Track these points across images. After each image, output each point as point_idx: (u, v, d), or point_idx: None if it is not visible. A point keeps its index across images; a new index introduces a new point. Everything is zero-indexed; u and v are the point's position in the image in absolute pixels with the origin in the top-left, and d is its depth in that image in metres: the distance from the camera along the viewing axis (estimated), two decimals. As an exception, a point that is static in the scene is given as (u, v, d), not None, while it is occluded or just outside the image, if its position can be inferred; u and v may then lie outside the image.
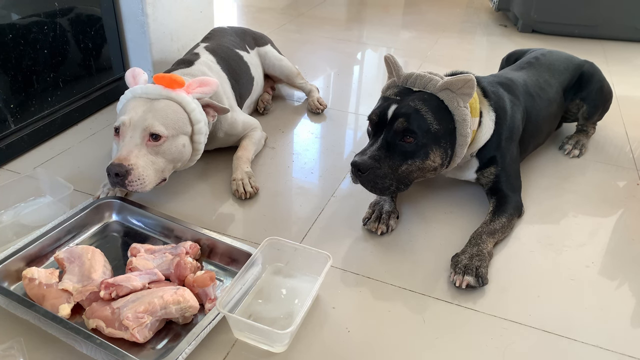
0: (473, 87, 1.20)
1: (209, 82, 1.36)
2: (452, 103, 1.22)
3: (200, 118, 1.33)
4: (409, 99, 1.23)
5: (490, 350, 1.00)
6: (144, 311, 0.94)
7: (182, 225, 1.21)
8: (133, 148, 1.22)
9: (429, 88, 1.24)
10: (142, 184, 1.21)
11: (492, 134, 1.34)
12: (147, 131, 1.24)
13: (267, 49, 1.95)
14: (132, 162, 1.20)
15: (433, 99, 1.23)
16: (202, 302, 1.03)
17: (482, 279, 1.13)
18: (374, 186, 1.21)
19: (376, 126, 1.26)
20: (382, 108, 1.25)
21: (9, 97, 1.49)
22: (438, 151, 1.23)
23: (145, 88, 1.31)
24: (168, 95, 1.30)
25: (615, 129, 1.92)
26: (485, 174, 1.39)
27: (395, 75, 1.29)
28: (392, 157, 1.21)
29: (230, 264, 1.15)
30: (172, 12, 1.93)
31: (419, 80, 1.25)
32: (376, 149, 1.21)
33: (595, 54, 2.71)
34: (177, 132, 1.28)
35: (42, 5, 1.54)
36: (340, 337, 1.01)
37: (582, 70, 1.70)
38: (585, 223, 1.39)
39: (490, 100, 1.35)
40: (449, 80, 1.21)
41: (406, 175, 1.23)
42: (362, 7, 3.53)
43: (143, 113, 1.26)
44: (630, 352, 1.01)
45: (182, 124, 1.30)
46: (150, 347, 0.95)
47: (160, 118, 1.26)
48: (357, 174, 1.20)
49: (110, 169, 1.19)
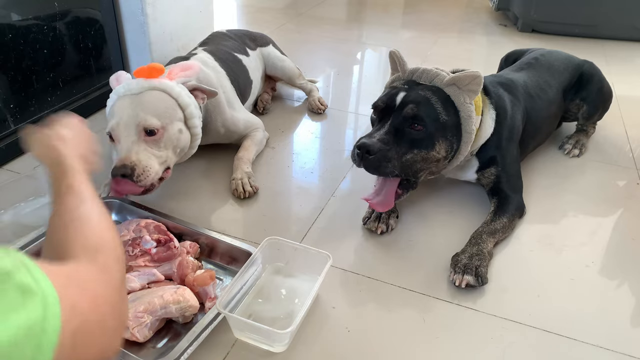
0: (480, 83, 1.20)
1: (190, 66, 1.36)
2: (458, 99, 1.22)
3: (188, 101, 1.31)
4: (418, 88, 1.23)
5: (490, 349, 1.00)
6: (143, 311, 0.94)
7: (182, 225, 1.20)
8: (131, 146, 1.22)
9: (436, 82, 1.23)
10: (148, 175, 1.21)
11: (493, 133, 1.34)
12: (141, 127, 1.23)
13: (270, 49, 1.94)
14: (133, 160, 1.20)
15: (440, 91, 1.23)
16: (202, 301, 1.03)
17: (481, 278, 1.13)
18: (377, 168, 1.17)
19: (382, 112, 1.24)
20: (389, 95, 1.24)
21: (9, 97, 1.49)
22: (444, 143, 1.22)
23: (126, 85, 1.29)
24: (150, 86, 1.28)
25: (615, 128, 1.92)
26: (486, 175, 1.39)
27: (400, 70, 1.28)
28: (399, 143, 1.19)
29: (231, 263, 1.16)
30: (172, 12, 1.93)
31: (425, 74, 1.25)
32: (384, 134, 1.19)
33: (595, 53, 2.71)
34: (170, 120, 1.27)
35: (42, 5, 1.54)
36: (340, 336, 1.01)
37: (582, 70, 1.70)
38: (585, 223, 1.39)
39: (492, 99, 1.35)
40: (456, 75, 1.20)
41: (410, 164, 1.21)
42: (362, 7, 3.53)
43: (132, 110, 1.24)
44: (630, 352, 1.01)
45: (172, 111, 1.28)
46: (151, 346, 0.95)
47: (150, 110, 1.24)
48: (364, 155, 1.17)
49: (115, 172, 1.18)
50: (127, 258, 1.08)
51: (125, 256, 1.07)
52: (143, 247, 1.09)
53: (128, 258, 1.08)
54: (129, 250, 1.09)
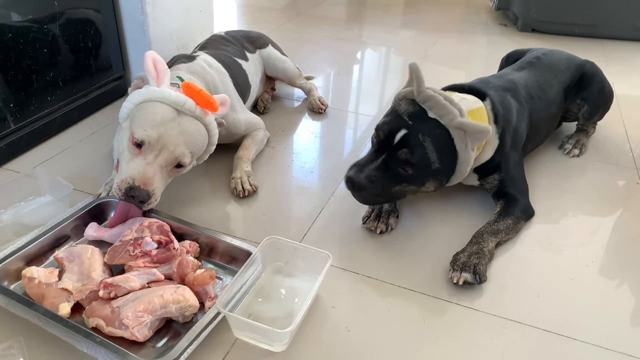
0: (487, 135, 1.18)
1: (226, 103, 1.32)
2: (460, 144, 1.20)
3: (216, 140, 1.31)
4: (420, 130, 1.19)
5: (490, 349, 1.00)
6: (143, 310, 0.94)
7: (182, 224, 1.20)
8: (157, 171, 1.15)
9: (444, 120, 1.18)
10: (157, 201, 1.18)
11: (494, 153, 1.34)
12: (176, 160, 1.18)
13: (269, 50, 1.92)
14: (154, 187, 1.15)
15: (444, 134, 1.19)
16: (202, 300, 1.03)
17: (479, 275, 1.12)
18: (364, 201, 1.26)
19: (380, 143, 1.24)
20: (391, 128, 1.21)
21: (9, 97, 1.49)
22: (434, 182, 1.24)
23: (177, 97, 1.19)
24: (200, 117, 1.22)
25: (615, 128, 1.92)
26: (489, 180, 1.39)
27: (415, 89, 1.22)
28: (387, 178, 1.22)
29: (231, 262, 1.16)
30: (172, 12, 1.93)
31: (436, 108, 1.19)
32: (374, 169, 1.21)
33: (595, 53, 2.71)
34: (197, 156, 1.27)
35: (42, 5, 1.53)
36: (340, 336, 1.01)
37: (583, 70, 1.70)
38: (585, 222, 1.39)
39: (499, 127, 1.33)
40: (465, 122, 1.17)
41: (399, 194, 1.26)
42: (362, 6, 3.53)
43: (176, 138, 1.17)
44: (630, 351, 1.01)
45: (203, 149, 1.27)
46: (151, 345, 0.95)
47: (190, 145, 1.20)
48: (351, 188, 1.23)
49: (135, 195, 1.12)
50: (128, 258, 1.08)
51: (127, 255, 1.08)
52: (144, 248, 1.09)
53: (128, 258, 1.08)
54: (130, 250, 1.09)
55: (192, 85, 1.22)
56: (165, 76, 1.22)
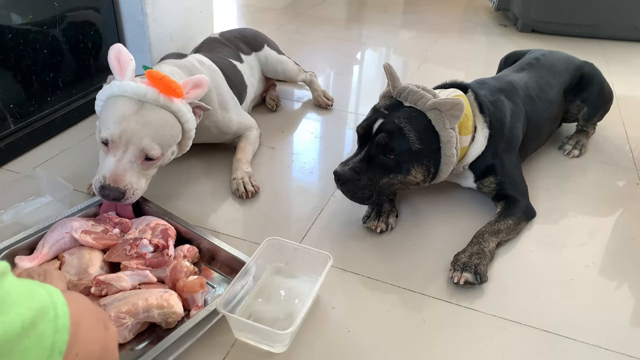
0: (462, 109, 1.20)
1: (202, 83, 1.26)
2: (438, 123, 1.22)
3: (192, 126, 1.26)
4: (395, 116, 1.24)
5: (490, 349, 1.00)
6: (126, 312, 0.93)
7: (183, 226, 1.19)
8: (127, 167, 1.15)
9: (419, 105, 1.24)
10: (137, 196, 1.18)
11: (487, 145, 1.34)
12: (143, 153, 1.16)
13: (266, 52, 1.88)
14: (126, 183, 1.14)
15: (420, 117, 1.23)
16: (189, 307, 1.01)
17: (480, 275, 1.13)
18: (353, 196, 1.25)
19: (362, 138, 1.28)
20: (369, 121, 1.27)
21: (9, 97, 1.49)
22: (420, 168, 1.24)
23: (137, 89, 1.17)
24: (165, 105, 1.19)
25: (615, 129, 1.92)
26: (485, 183, 1.39)
27: (391, 86, 1.30)
28: (372, 170, 1.23)
29: (231, 274, 1.12)
30: (172, 12, 1.93)
31: (410, 96, 1.25)
32: (358, 161, 1.24)
33: (595, 53, 2.71)
34: (169, 146, 1.23)
35: (42, 5, 1.53)
36: (340, 337, 1.01)
37: (583, 71, 1.70)
38: (585, 223, 1.39)
39: (486, 117, 1.34)
40: (437, 100, 1.21)
41: (387, 187, 1.26)
42: (362, 7, 3.53)
43: (138, 130, 1.15)
44: (630, 352, 1.01)
45: (175, 137, 1.23)
46: (129, 347, 0.95)
47: (156, 137, 1.17)
48: (338, 182, 1.24)
49: (107, 194, 1.13)
50: (124, 256, 1.08)
51: (123, 254, 1.08)
52: (140, 250, 1.08)
53: (124, 256, 1.08)
54: (127, 249, 1.09)
55: (154, 73, 1.18)
56: (128, 68, 1.19)
